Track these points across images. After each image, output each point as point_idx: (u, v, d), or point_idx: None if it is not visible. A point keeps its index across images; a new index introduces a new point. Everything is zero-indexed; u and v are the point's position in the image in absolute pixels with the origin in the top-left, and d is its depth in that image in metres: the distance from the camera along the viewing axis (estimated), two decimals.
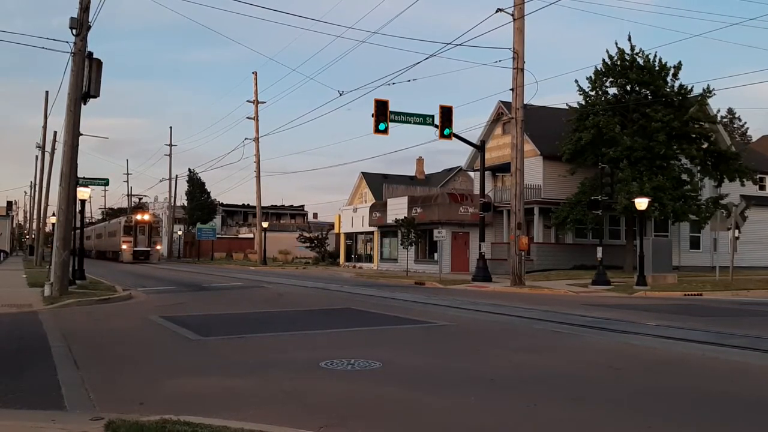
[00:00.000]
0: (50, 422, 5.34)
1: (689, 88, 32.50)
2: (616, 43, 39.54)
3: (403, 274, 34.59)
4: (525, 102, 25.61)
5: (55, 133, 48.29)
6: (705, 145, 33.47)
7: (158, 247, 60.68)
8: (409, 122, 25.17)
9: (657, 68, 32.24)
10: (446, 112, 25.18)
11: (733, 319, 14.61)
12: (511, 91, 25.30)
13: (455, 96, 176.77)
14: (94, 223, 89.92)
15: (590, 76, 33.33)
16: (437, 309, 15.97)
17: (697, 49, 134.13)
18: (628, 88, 33.05)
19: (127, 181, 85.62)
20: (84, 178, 26.18)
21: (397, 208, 40.95)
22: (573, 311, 15.36)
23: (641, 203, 24.62)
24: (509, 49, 24.77)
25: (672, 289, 22.43)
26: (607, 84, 33.43)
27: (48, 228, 49.87)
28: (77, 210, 22.63)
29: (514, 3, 24.72)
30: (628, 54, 32.40)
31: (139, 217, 59.14)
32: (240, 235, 79.81)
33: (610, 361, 8.78)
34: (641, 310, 15.75)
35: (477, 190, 35.29)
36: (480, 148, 30.07)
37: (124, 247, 57.48)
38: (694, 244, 38.76)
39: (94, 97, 17.67)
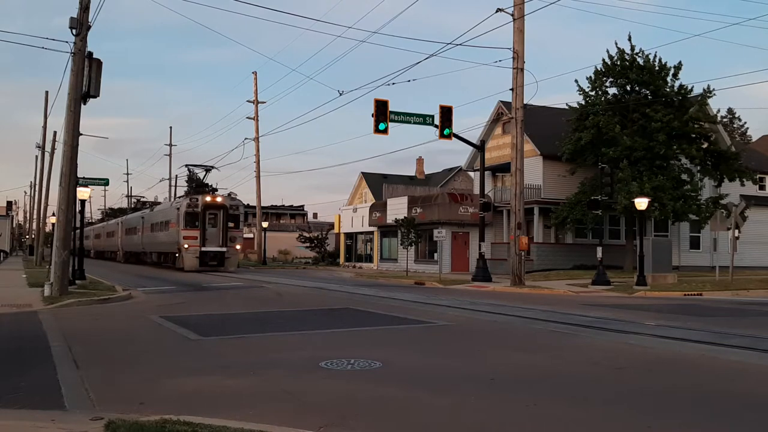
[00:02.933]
0: (50, 422, 5.34)
1: (689, 88, 32.51)
2: (616, 43, 39.62)
3: (403, 274, 34.59)
4: (525, 102, 25.61)
5: (55, 133, 48.35)
6: (705, 145, 33.47)
7: (238, 247, 38.80)
8: (409, 122, 25.17)
9: (657, 68, 32.24)
10: (446, 112, 25.18)
11: (733, 319, 14.61)
12: (511, 91, 25.30)
13: (455, 96, 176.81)
14: (109, 215, 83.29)
15: (590, 76, 33.35)
16: (437, 309, 15.97)
17: (697, 49, 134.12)
18: (628, 88, 33.06)
19: (127, 181, 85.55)
20: (84, 178, 26.19)
21: (397, 208, 40.96)
22: (573, 311, 15.36)
23: (641, 203, 24.62)
24: (509, 49, 24.77)
25: (672, 289, 22.43)
26: (607, 84, 33.44)
27: (48, 228, 49.70)
28: (77, 210, 22.65)
29: (514, 3, 24.72)
30: (628, 54, 32.40)
31: (208, 198, 37.81)
32: None
33: (610, 361, 8.78)
34: (641, 310, 15.75)
35: (477, 190, 35.29)
36: (480, 148, 30.07)
37: (185, 246, 36.24)
38: (694, 244, 38.76)
39: (94, 97, 17.67)
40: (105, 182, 33.62)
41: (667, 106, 31.83)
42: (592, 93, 33.37)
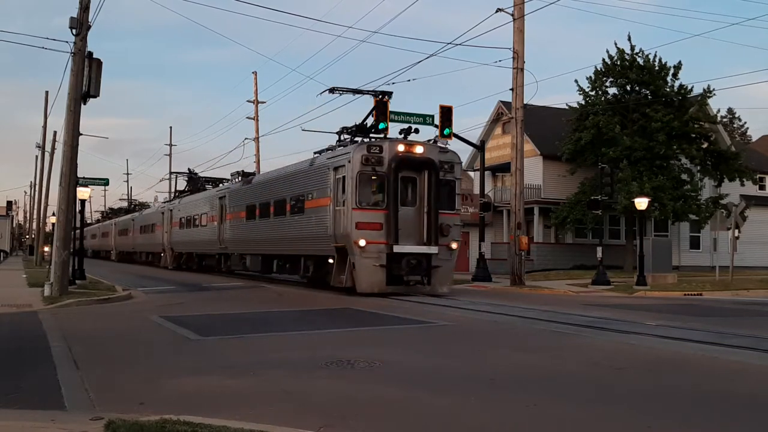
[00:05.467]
0: (50, 422, 5.34)
1: (689, 88, 32.56)
2: (616, 44, 39.68)
3: None
4: (525, 102, 25.60)
5: (55, 133, 48.29)
6: (705, 145, 33.52)
7: (454, 246, 19.50)
8: (409, 122, 25.06)
9: (657, 68, 32.27)
10: (446, 112, 25.14)
11: (733, 319, 14.61)
12: (511, 91, 25.29)
13: (455, 96, 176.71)
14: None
15: (590, 76, 33.40)
16: (437, 309, 15.94)
17: (697, 49, 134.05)
18: (628, 88, 33.10)
19: (127, 181, 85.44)
20: (84, 178, 26.18)
21: None
22: (573, 311, 15.35)
23: (641, 203, 24.62)
24: (509, 49, 24.76)
25: (672, 289, 22.42)
26: (607, 84, 33.48)
27: (48, 228, 49.54)
28: (77, 210, 22.65)
29: (514, 3, 24.71)
30: (628, 54, 32.43)
31: (401, 147, 19.07)
32: None
33: (610, 361, 8.77)
34: (641, 310, 15.74)
35: (477, 190, 35.27)
36: (480, 148, 30.06)
37: (361, 242, 18.08)
38: (694, 244, 38.77)
39: (94, 96, 17.68)
40: (105, 182, 33.60)
41: (667, 106, 31.85)
42: (592, 93, 33.41)
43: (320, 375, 7.59)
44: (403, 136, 20.12)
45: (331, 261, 19.64)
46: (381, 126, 23.81)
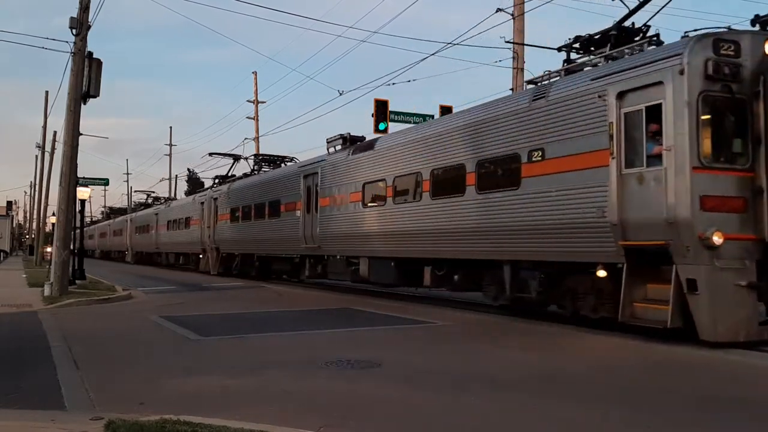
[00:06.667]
0: (50, 422, 5.35)
1: None
2: None
3: None
4: None
5: (55, 133, 48.28)
6: None
7: None
8: (409, 122, 25.10)
9: None
10: (446, 112, 25.17)
11: None
12: (511, 91, 25.29)
13: (455, 96, 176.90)
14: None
15: None
16: (437, 309, 15.93)
17: None
18: None
19: (127, 181, 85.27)
20: (84, 177, 26.26)
21: None
22: None
23: None
24: (509, 49, 24.75)
25: None
26: None
27: (48, 228, 49.49)
28: (77, 210, 22.67)
29: (514, 3, 24.69)
30: None
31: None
32: None
33: (611, 361, 8.78)
34: None
35: None
36: None
37: (716, 238, 8.83)
38: None
39: (94, 96, 17.73)
40: (105, 182, 33.75)
41: None
42: None
43: (320, 375, 7.60)
44: (758, 27, 10.47)
45: (602, 274, 10.77)
46: (381, 127, 23.86)
